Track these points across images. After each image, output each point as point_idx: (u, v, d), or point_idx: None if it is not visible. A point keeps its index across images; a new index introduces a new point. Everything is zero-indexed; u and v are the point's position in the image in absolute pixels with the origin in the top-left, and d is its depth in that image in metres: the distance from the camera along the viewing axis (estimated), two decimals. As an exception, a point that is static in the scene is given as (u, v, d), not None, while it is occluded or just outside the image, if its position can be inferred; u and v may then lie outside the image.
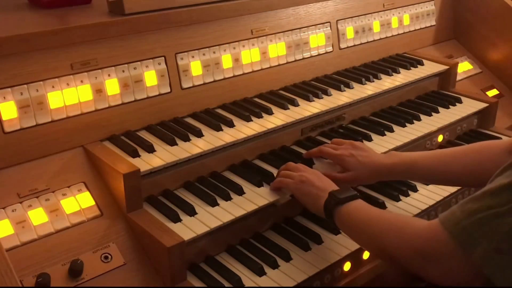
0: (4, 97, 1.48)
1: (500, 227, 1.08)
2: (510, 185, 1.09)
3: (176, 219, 1.47)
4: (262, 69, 2.03)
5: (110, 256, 1.41)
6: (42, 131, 1.54)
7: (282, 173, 1.62)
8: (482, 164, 1.52)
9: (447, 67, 2.39)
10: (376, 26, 2.41)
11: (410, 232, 1.25)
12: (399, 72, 2.30)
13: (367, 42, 2.40)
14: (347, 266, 1.55)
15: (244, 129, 1.76)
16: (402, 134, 1.99)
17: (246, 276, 1.44)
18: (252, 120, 1.81)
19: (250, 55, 1.98)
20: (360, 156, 1.65)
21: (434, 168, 1.62)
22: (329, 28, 2.23)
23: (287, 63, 2.10)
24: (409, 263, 1.25)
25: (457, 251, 1.13)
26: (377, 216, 1.38)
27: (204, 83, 1.88)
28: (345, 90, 2.08)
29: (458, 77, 2.50)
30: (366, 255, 1.59)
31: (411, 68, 2.35)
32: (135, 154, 1.58)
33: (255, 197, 1.58)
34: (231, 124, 1.77)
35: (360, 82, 2.16)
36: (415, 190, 1.83)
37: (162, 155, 1.59)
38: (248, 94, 1.99)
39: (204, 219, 1.48)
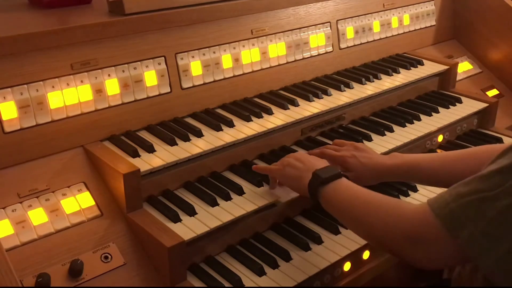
0: (4, 97, 1.48)
1: (487, 211, 1.07)
2: (499, 170, 1.09)
3: (176, 219, 1.47)
4: (262, 69, 2.03)
5: (110, 256, 1.41)
6: (42, 131, 1.55)
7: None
8: (482, 168, 1.52)
9: (447, 67, 2.40)
10: (376, 26, 2.42)
11: (397, 215, 1.25)
12: (399, 72, 2.30)
13: (367, 42, 2.40)
14: (347, 266, 1.55)
15: (244, 129, 1.76)
16: (402, 134, 1.99)
17: (246, 276, 1.44)
18: (252, 120, 1.81)
19: (250, 55, 1.98)
20: (362, 157, 1.65)
21: (436, 170, 1.61)
22: (329, 28, 2.23)
23: (287, 63, 2.11)
24: (395, 246, 1.24)
25: (443, 233, 1.13)
26: (364, 197, 1.36)
27: (204, 83, 1.88)
28: (345, 90, 2.08)
29: (458, 77, 2.50)
30: (366, 255, 1.60)
31: (411, 68, 2.35)
32: (135, 154, 1.58)
33: (255, 197, 1.58)
34: (231, 124, 1.77)
35: (360, 82, 2.16)
36: (415, 190, 1.83)
37: (162, 155, 1.59)
38: (248, 94, 1.99)
39: (204, 219, 1.48)
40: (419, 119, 2.10)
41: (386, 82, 2.20)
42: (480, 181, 1.12)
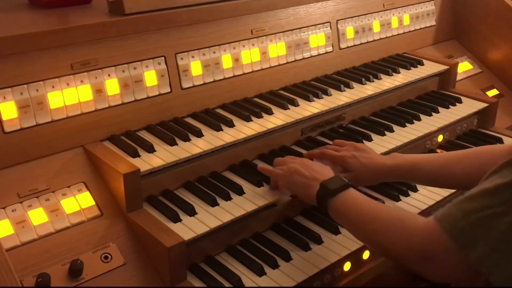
0: (4, 97, 1.48)
1: (497, 227, 1.08)
2: (506, 185, 1.10)
3: (176, 219, 1.47)
4: (262, 69, 2.03)
5: (110, 256, 1.41)
6: (42, 131, 1.54)
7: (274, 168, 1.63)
8: (482, 168, 1.52)
9: (447, 67, 2.39)
10: (376, 26, 2.41)
11: (407, 231, 1.25)
12: (399, 72, 2.30)
13: (367, 42, 2.40)
14: (347, 266, 1.55)
15: (244, 129, 1.76)
16: (402, 134, 1.99)
17: (246, 276, 1.44)
18: (252, 120, 1.81)
19: (250, 55, 1.98)
20: (362, 158, 1.65)
21: (435, 171, 1.62)
22: (329, 28, 2.23)
23: (287, 63, 2.10)
24: (406, 261, 1.25)
25: (455, 251, 1.14)
26: (372, 211, 1.36)
27: (204, 83, 1.88)
28: (345, 90, 2.08)
29: (458, 77, 2.50)
30: (366, 255, 1.60)
31: (411, 68, 2.35)
32: (135, 154, 1.58)
33: (255, 197, 1.58)
34: (231, 124, 1.77)
35: (360, 82, 2.16)
36: (415, 190, 1.83)
37: (162, 155, 1.59)
38: (248, 94, 1.99)
39: (204, 219, 1.48)
40: (419, 119, 2.10)
41: (386, 82, 2.20)
42: (487, 196, 1.12)
